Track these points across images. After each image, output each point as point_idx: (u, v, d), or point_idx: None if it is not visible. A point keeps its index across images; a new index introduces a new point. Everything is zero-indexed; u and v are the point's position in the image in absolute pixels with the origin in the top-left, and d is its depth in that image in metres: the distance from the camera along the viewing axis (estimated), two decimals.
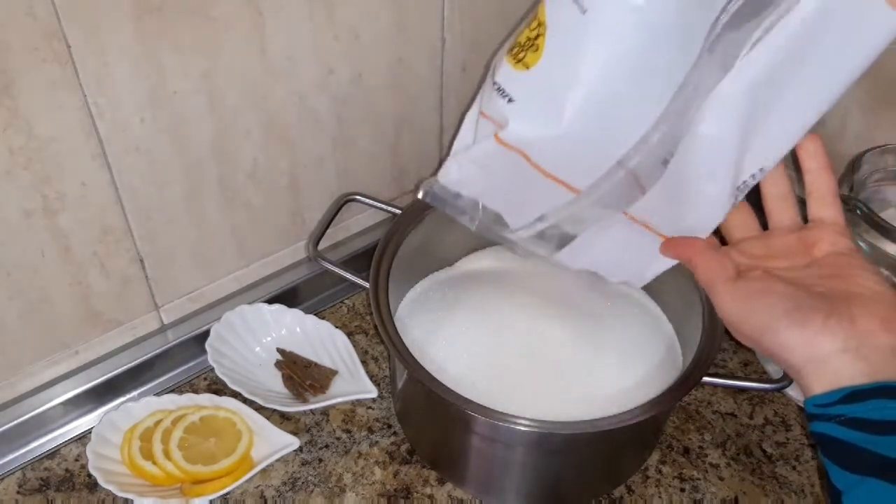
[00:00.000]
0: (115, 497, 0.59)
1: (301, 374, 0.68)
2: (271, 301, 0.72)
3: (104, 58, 0.52)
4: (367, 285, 0.59)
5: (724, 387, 0.68)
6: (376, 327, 0.58)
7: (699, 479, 0.64)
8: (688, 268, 0.51)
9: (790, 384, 0.55)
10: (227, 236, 0.69)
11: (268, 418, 0.65)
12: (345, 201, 0.68)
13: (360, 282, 0.60)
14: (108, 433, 0.63)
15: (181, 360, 0.70)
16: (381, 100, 0.71)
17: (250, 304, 0.71)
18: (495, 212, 0.54)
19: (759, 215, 0.52)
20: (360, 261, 0.75)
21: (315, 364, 0.69)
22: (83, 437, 0.65)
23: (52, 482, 0.62)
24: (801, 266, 0.47)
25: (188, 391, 0.67)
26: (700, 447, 0.66)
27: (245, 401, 0.65)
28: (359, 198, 0.68)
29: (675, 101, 0.45)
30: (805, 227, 0.49)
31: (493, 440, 0.57)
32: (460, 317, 0.63)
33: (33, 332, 0.62)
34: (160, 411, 0.64)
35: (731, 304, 0.46)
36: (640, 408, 0.52)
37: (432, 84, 0.74)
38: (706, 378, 0.54)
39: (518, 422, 0.51)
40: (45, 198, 0.56)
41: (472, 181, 0.53)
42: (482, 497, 0.62)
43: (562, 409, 0.55)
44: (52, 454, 0.64)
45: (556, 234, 0.54)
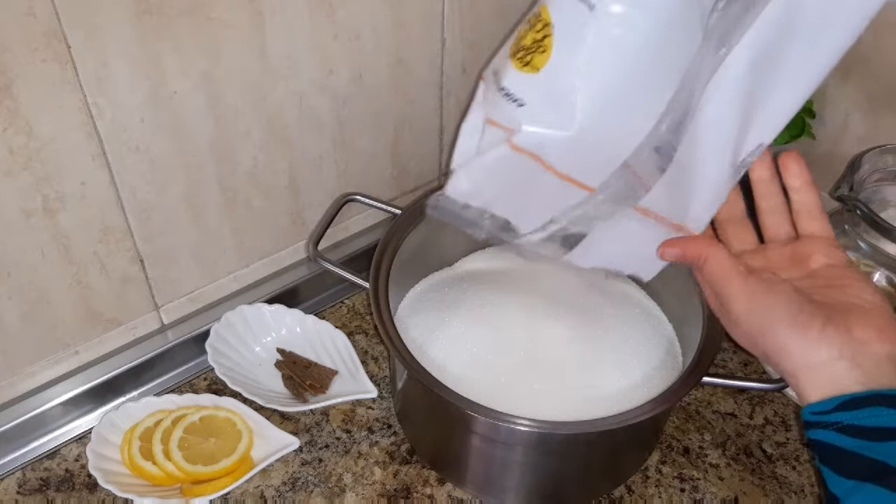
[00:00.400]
0: (115, 497, 0.59)
1: (301, 374, 0.68)
2: (271, 301, 0.72)
3: (104, 58, 0.52)
4: (367, 285, 0.59)
5: (724, 387, 0.68)
6: (376, 327, 0.58)
7: (699, 479, 0.64)
8: (690, 265, 0.50)
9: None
10: (227, 236, 0.69)
11: (268, 418, 0.65)
12: (345, 201, 0.68)
13: (360, 282, 0.60)
14: (108, 433, 0.63)
15: (181, 361, 0.70)
16: (381, 100, 0.71)
17: (250, 304, 0.71)
18: (504, 219, 0.54)
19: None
20: (360, 261, 0.75)
21: (315, 364, 0.69)
22: (83, 437, 0.65)
23: (52, 482, 0.62)
24: (799, 277, 0.48)
25: (188, 391, 0.67)
26: (700, 447, 0.66)
27: (245, 401, 0.65)
28: (359, 198, 0.68)
29: (679, 90, 0.45)
30: (799, 240, 0.50)
31: (493, 440, 0.57)
32: (460, 317, 0.63)
33: (33, 332, 0.62)
34: (160, 411, 0.64)
35: (742, 298, 0.46)
36: (640, 408, 0.52)
37: (432, 84, 0.74)
38: (706, 378, 0.54)
39: (518, 422, 0.51)
40: (45, 198, 0.56)
41: (483, 190, 0.52)
42: (482, 497, 0.62)
43: (562, 409, 0.55)
44: (52, 454, 0.64)
45: (566, 234, 0.54)
